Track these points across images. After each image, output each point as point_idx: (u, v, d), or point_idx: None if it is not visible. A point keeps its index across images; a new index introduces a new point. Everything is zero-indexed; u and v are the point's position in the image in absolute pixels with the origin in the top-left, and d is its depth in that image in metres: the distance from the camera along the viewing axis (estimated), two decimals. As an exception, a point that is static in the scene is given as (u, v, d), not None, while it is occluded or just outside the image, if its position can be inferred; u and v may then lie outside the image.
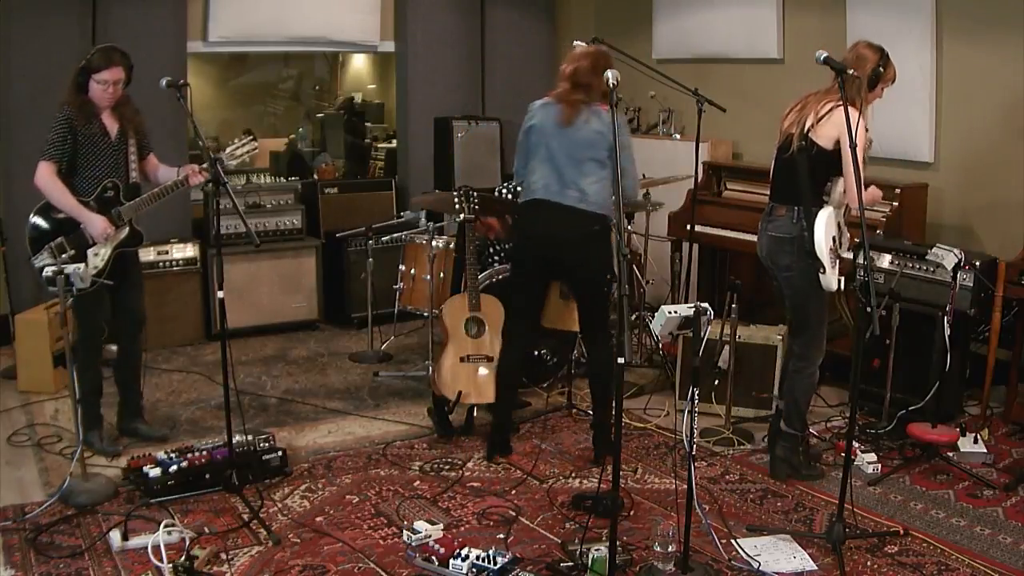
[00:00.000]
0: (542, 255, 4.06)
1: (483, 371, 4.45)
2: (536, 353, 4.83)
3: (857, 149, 3.36)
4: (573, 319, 4.31)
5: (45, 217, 4.02)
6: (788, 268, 3.80)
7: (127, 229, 4.11)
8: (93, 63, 3.93)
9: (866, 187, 3.62)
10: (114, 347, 4.48)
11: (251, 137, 4.16)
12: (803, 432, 4.01)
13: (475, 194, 4.55)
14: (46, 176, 3.94)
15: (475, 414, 4.57)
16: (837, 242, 3.71)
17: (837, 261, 3.70)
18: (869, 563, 3.25)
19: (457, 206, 4.52)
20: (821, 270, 3.61)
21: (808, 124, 3.69)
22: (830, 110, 3.64)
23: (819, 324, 3.87)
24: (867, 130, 3.63)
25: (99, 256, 4.03)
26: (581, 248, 3.99)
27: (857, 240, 3.89)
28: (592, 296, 4.11)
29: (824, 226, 3.61)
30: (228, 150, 4.08)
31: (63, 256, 3.93)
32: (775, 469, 4.01)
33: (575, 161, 3.92)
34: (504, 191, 5.21)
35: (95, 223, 3.97)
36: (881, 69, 3.71)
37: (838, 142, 3.58)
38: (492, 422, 4.28)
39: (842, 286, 3.72)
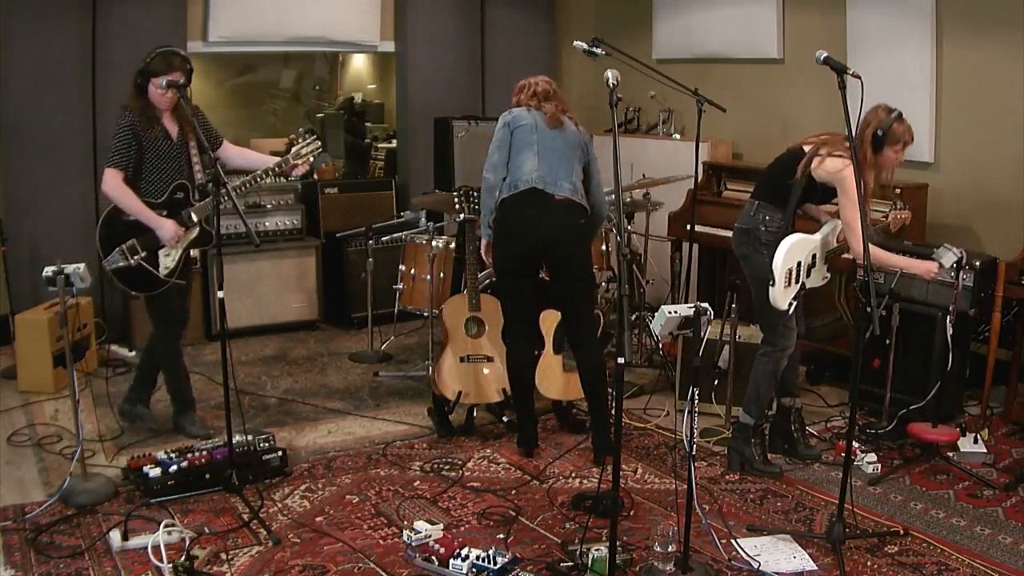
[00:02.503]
0: (535, 248, 4.07)
1: (484, 371, 4.46)
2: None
3: (849, 204, 3.68)
4: (577, 389, 4.32)
5: (115, 220, 4.07)
6: (744, 256, 4.00)
7: (197, 229, 4.18)
8: (152, 67, 3.97)
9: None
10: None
11: (314, 136, 4.30)
12: (757, 422, 4.04)
13: (475, 194, 4.55)
14: (113, 183, 4.00)
15: (475, 414, 4.57)
16: (802, 268, 3.85)
17: (796, 285, 3.83)
18: (869, 563, 3.25)
19: (457, 206, 4.53)
20: (771, 283, 3.75)
21: (821, 152, 3.83)
22: (840, 158, 3.76)
23: (777, 314, 3.89)
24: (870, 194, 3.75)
25: (170, 257, 4.12)
26: (576, 239, 4.11)
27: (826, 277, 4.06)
28: (581, 293, 4.16)
29: (789, 246, 3.78)
30: (294, 150, 4.21)
31: (135, 257, 4.03)
32: (729, 460, 4.11)
33: (566, 158, 4.08)
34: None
35: (166, 228, 4.05)
36: (881, 132, 3.72)
37: (825, 184, 3.84)
38: (520, 419, 4.29)
39: (791, 310, 3.83)
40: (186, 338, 5.76)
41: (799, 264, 3.84)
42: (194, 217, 4.14)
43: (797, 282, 3.84)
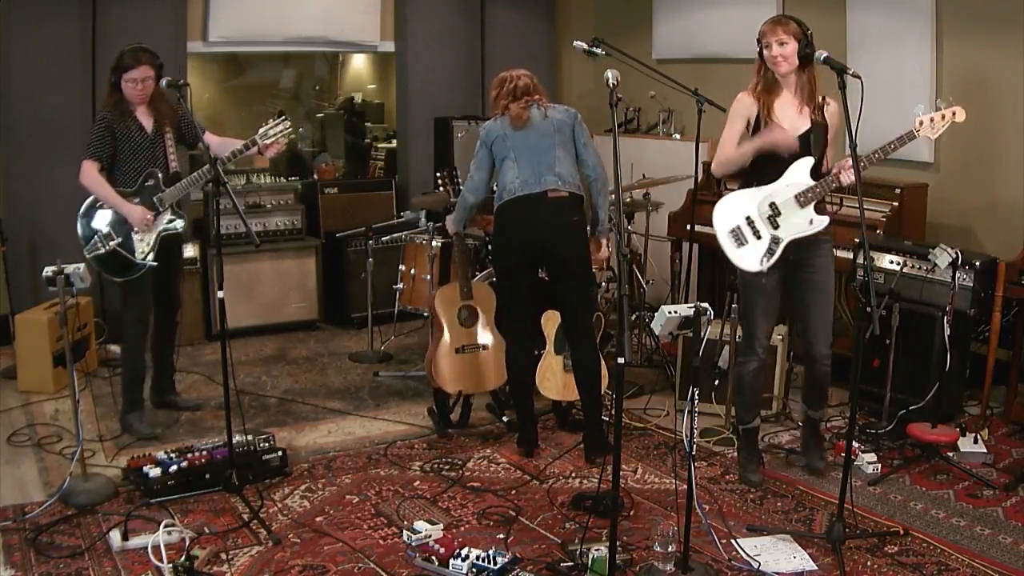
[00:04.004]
0: (532, 248, 4.08)
1: (480, 359, 4.48)
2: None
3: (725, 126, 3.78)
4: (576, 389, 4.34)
5: (92, 212, 4.25)
6: None
7: (170, 213, 4.31)
8: (123, 63, 4.14)
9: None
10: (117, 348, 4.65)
11: (283, 117, 4.34)
12: (737, 424, 4.03)
13: (458, 174, 4.50)
14: (90, 175, 4.19)
15: (471, 407, 4.57)
16: (759, 222, 3.72)
17: (760, 241, 3.70)
18: (869, 563, 3.25)
19: (441, 189, 4.46)
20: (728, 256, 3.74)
21: None
22: None
23: (747, 317, 3.85)
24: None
25: (144, 241, 4.24)
26: (572, 238, 4.11)
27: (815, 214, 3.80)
28: (579, 289, 4.17)
29: (719, 207, 3.80)
30: (262, 131, 4.24)
31: (110, 243, 4.19)
32: None
33: (543, 151, 4.08)
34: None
35: (134, 213, 4.20)
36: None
37: (747, 123, 3.79)
38: (520, 419, 4.29)
39: (761, 266, 3.70)
40: (186, 338, 5.84)
41: (749, 219, 3.72)
42: (165, 202, 4.27)
43: (759, 238, 3.71)
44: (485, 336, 4.50)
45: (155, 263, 4.27)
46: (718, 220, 3.77)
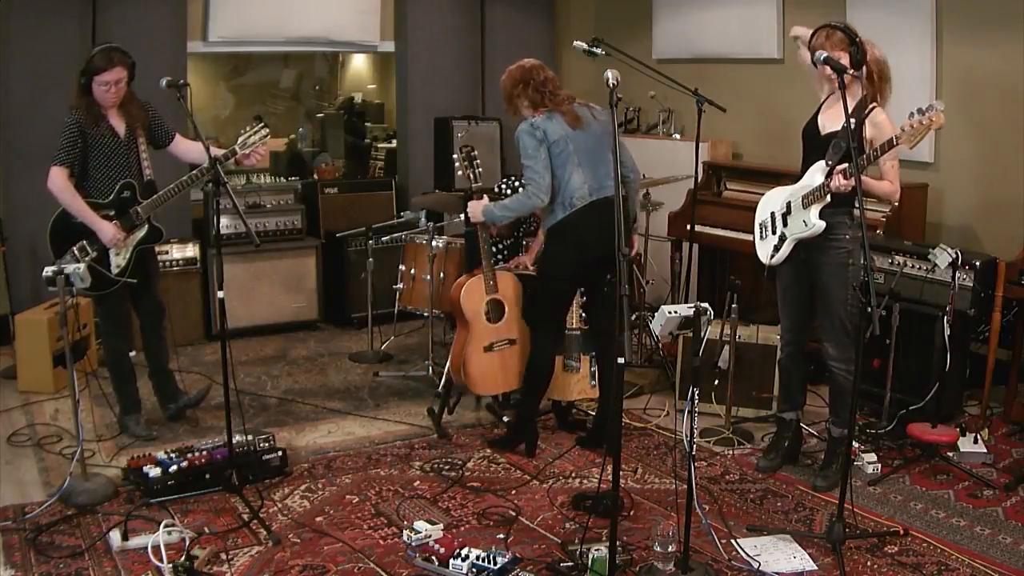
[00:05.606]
0: (597, 252, 3.97)
1: (508, 356, 4.37)
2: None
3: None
4: (576, 389, 4.39)
5: (66, 221, 4.09)
6: None
7: (146, 227, 4.20)
8: (94, 65, 3.99)
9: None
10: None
11: (262, 124, 4.22)
12: (773, 414, 4.10)
13: (476, 154, 4.29)
14: (58, 181, 4.01)
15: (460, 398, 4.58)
16: (777, 219, 3.87)
17: (774, 236, 3.87)
18: (869, 563, 3.25)
19: (458, 168, 4.30)
20: None
21: None
22: None
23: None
24: None
25: (121, 255, 4.13)
26: (614, 234, 4.06)
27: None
28: (606, 283, 4.18)
29: (761, 201, 4.00)
30: (241, 139, 4.16)
31: (86, 259, 4.03)
32: None
33: (601, 153, 4.04)
34: (505, 188, 5.20)
35: (105, 231, 4.06)
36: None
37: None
38: (526, 416, 4.27)
39: (768, 260, 3.89)
40: (186, 338, 5.84)
41: (772, 215, 3.87)
42: (142, 215, 4.15)
43: (774, 233, 3.86)
44: (513, 329, 4.35)
45: (133, 280, 4.16)
46: (757, 212, 3.97)
